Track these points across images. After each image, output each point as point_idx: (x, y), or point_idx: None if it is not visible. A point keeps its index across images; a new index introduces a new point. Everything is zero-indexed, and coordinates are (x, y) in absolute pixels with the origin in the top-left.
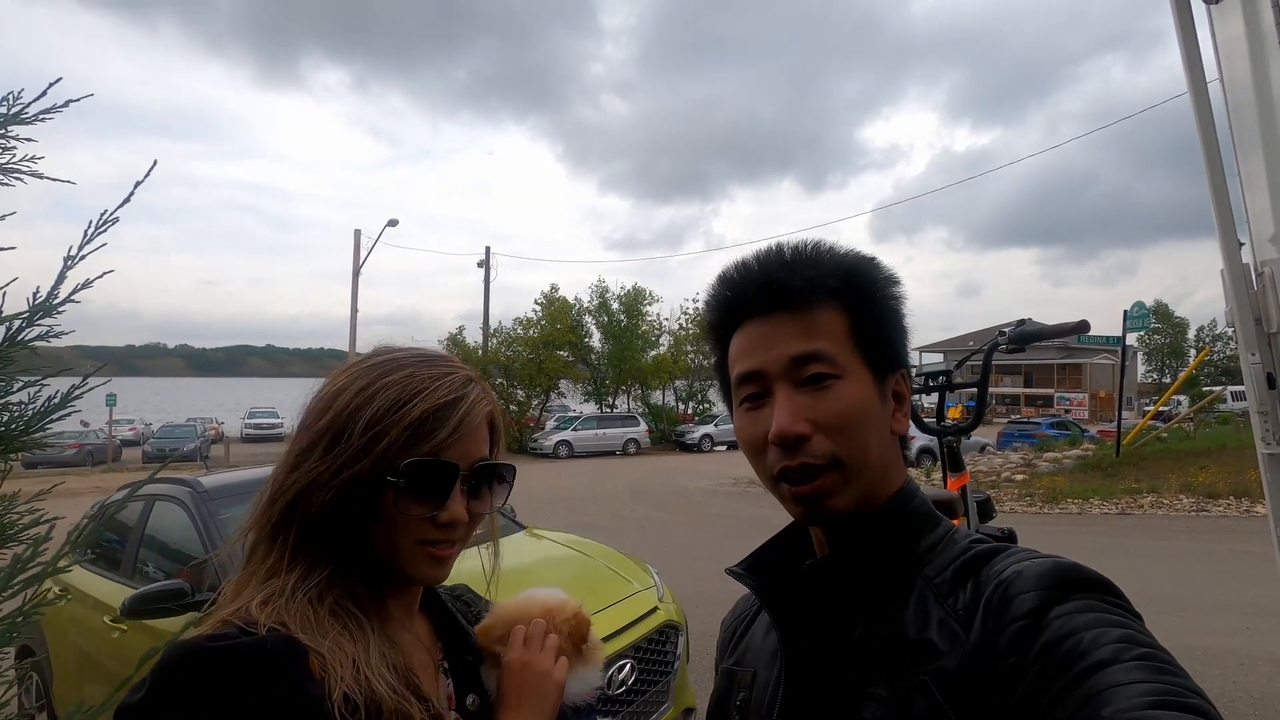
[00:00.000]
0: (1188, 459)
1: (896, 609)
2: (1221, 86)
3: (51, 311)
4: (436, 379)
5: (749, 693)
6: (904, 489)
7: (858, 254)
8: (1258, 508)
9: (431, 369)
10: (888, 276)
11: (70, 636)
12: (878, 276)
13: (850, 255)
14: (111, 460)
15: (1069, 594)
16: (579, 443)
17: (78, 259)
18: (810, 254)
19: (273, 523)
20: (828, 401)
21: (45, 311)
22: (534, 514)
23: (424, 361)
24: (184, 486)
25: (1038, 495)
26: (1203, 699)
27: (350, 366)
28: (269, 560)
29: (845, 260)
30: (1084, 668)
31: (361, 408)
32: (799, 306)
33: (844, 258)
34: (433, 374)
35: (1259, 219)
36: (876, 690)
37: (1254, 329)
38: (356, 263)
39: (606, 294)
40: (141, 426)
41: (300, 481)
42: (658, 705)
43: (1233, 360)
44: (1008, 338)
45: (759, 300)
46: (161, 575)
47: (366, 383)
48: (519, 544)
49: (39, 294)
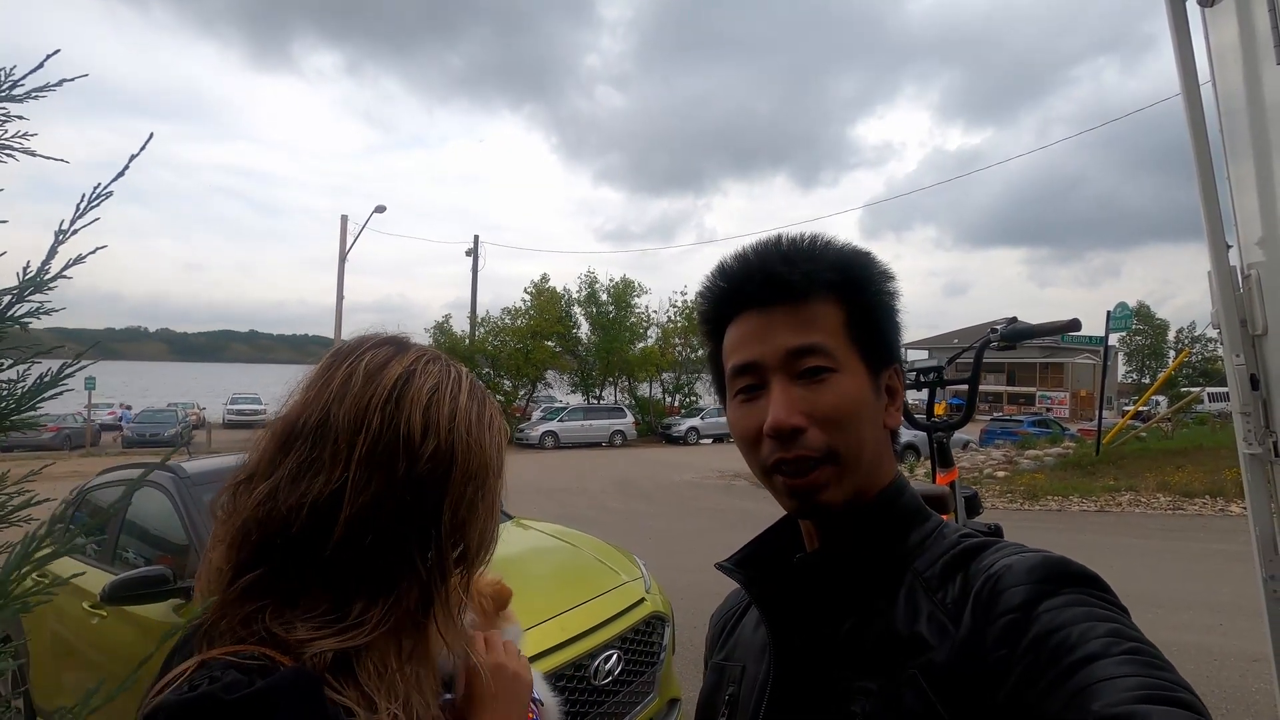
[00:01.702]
0: (1165, 458)
1: (886, 603)
2: (1214, 90)
3: (43, 287)
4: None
5: (738, 687)
6: (894, 483)
7: (855, 248)
8: (1232, 507)
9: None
10: (884, 271)
11: (48, 623)
12: (874, 271)
13: (848, 249)
14: (90, 444)
15: (1058, 588)
16: (565, 434)
17: (69, 234)
18: (808, 247)
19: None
20: (824, 395)
21: (36, 287)
22: (520, 504)
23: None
24: (166, 472)
25: (1019, 492)
26: (1191, 694)
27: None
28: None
29: (843, 254)
30: (1073, 661)
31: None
32: (797, 300)
33: (842, 252)
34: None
35: (1247, 222)
36: (866, 684)
37: (1239, 331)
38: (343, 249)
39: (596, 285)
40: (121, 410)
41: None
42: (643, 696)
43: (1211, 362)
44: (999, 335)
45: (757, 292)
46: (142, 561)
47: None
48: (506, 534)
49: (29, 269)
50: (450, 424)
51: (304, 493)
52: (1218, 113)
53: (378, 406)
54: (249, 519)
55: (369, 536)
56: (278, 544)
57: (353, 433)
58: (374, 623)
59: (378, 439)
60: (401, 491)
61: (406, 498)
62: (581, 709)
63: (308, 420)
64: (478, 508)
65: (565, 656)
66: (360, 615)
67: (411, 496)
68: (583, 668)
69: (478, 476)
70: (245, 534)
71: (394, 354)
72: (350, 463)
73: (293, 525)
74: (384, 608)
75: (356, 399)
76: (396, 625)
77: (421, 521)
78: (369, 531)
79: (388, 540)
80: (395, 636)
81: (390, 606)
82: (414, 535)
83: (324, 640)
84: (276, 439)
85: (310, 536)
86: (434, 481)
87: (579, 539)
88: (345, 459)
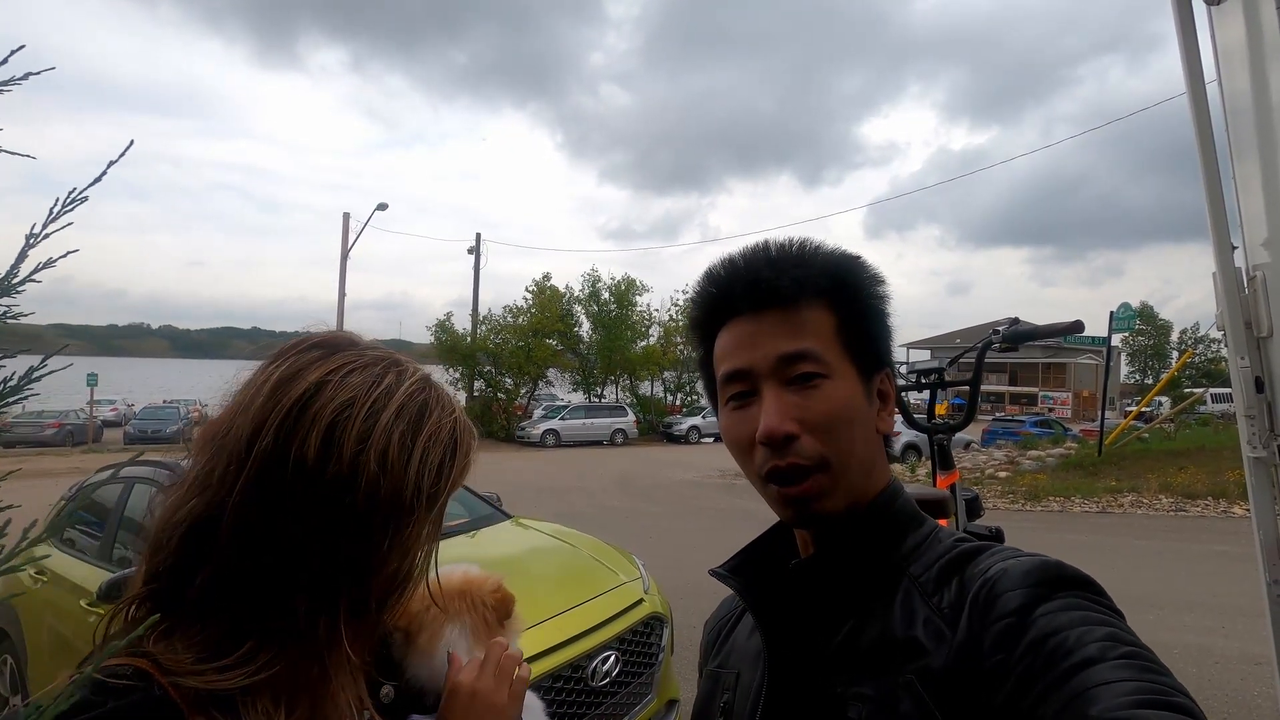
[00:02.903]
0: (1168, 459)
1: (882, 608)
2: (1220, 89)
3: (10, 292)
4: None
5: (732, 694)
6: (889, 488)
7: (844, 253)
8: (1235, 508)
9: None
10: (873, 275)
11: (45, 620)
12: (864, 275)
13: (837, 254)
14: (91, 441)
15: (1054, 592)
16: (566, 432)
17: (40, 238)
18: (797, 253)
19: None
20: (816, 401)
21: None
22: (520, 503)
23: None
24: (164, 470)
25: (1020, 493)
26: (1187, 698)
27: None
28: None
29: (832, 259)
30: (1070, 665)
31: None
32: (787, 305)
33: (831, 256)
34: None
35: (1253, 223)
36: (862, 690)
37: (1244, 333)
38: (345, 246)
39: (598, 283)
40: (123, 407)
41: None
42: (641, 697)
43: (1214, 363)
44: (1002, 336)
45: (746, 298)
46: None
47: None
48: (505, 533)
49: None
50: (358, 448)
51: (191, 509)
52: (1224, 112)
53: (275, 423)
54: (157, 525)
55: (249, 568)
56: (163, 560)
57: (245, 451)
58: (258, 666)
59: (269, 460)
60: (288, 523)
61: (293, 531)
62: (579, 710)
63: (218, 429)
64: (384, 549)
65: (563, 657)
66: (247, 655)
67: (300, 530)
68: (580, 669)
69: (386, 512)
70: (155, 541)
71: (315, 360)
72: (236, 484)
73: (172, 542)
74: (271, 652)
75: (258, 413)
76: (288, 674)
77: (310, 561)
78: (248, 562)
79: (270, 577)
80: (285, 687)
81: (278, 653)
82: (301, 576)
83: (196, 676)
84: (197, 444)
85: (188, 559)
86: (329, 515)
87: (577, 539)
88: (233, 479)
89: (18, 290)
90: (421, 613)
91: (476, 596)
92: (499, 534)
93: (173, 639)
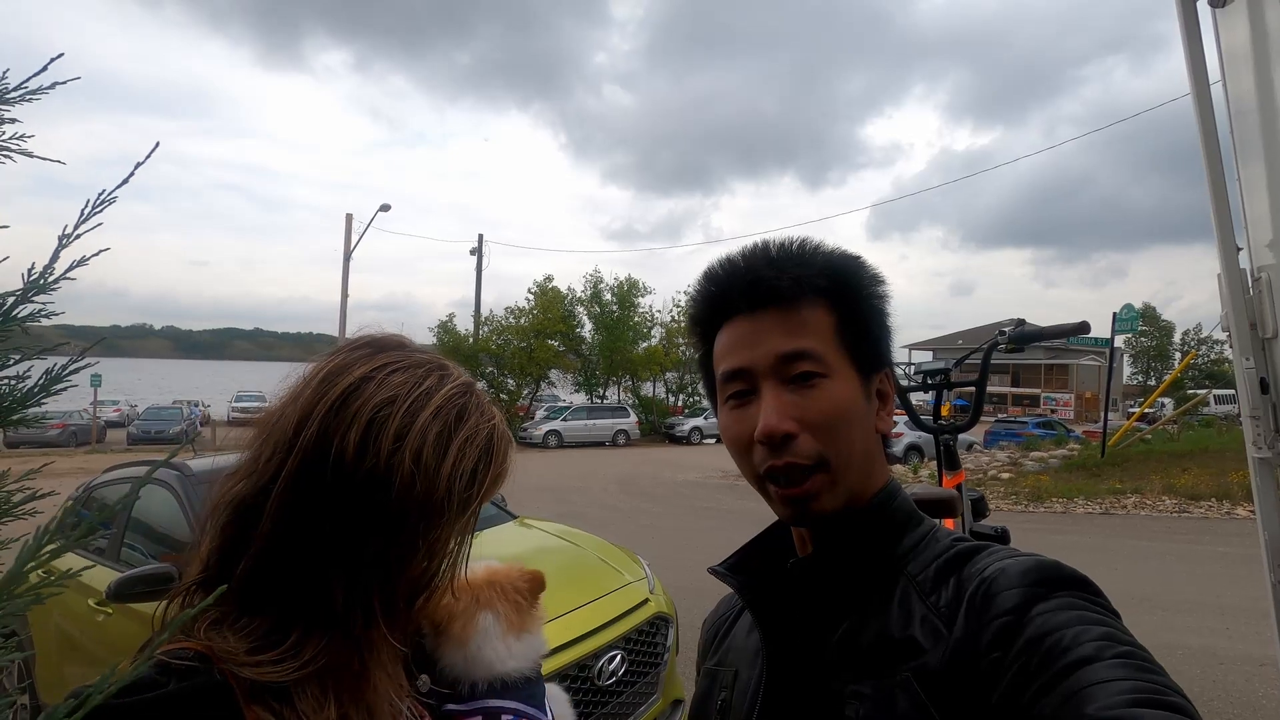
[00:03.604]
0: (1171, 461)
1: (880, 607)
2: (1224, 90)
3: (46, 289)
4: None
5: (730, 693)
6: (887, 488)
7: (844, 252)
8: (1239, 510)
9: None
10: (873, 275)
11: (53, 618)
12: (864, 275)
13: (837, 254)
14: (96, 441)
15: (1051, 591)
16: (568, 433)
17: (73, 238)
18: (797, 252)
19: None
20: (815, 400)
21: (40, 289)
22: (523, 503)
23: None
24: (171, 470)
25: (1023, 494)
26: (1183, 697)
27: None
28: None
29: (832, 259)
30: (1066, 664)
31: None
32: (786, 305)
33: (831, 256)
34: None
35: (1257, 225)
36: (860, 688)
37: (1249, 334)
38: (348, 247)
39: (600, 284)
40: (126, 408)
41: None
42: (646, 697)
43: (1217, 364)
44: (1007, 337)
45: (746, 298)
46: (148, 559)
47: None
48: (510, 533)
49: (34, 270)
50: (395, 445)
51: (238, 492)
52: (1228, 113)
53: (320, 414)
54: (209, 506)
55: (286, 556)
56: (211, 541)
57: (292, 439)
58: (305, 659)
59: (311, 450)
60: (324, 515)
61: (327, 524)
62: (585, 710)
63: (271, 416)
64: (416, 547)
65: (569, 657)
66: (294, 647)
67: (332, 524)
68: (586, 668)
69: (418, 512)
70: (204, 522)
71: (362, 358)
72: (280, 471)
73: (219, 523)
74: (318, 645)
75: (305, 403)
76: (332, 664)
77: (343, 555)
78: (285, 550)
79: (306, 566)
80: (330, 676)
81: (324, 646)
82: (335, 569)
83: (251, 667)
84: (252, 432)
85: (232, 542)
86: (362, 511)
87: (583, 539)
88: (278, 466)
89: (53, 288)
90: (453, 603)
91: (506, 583)
92: (504, 534)
93: (222, 628)
